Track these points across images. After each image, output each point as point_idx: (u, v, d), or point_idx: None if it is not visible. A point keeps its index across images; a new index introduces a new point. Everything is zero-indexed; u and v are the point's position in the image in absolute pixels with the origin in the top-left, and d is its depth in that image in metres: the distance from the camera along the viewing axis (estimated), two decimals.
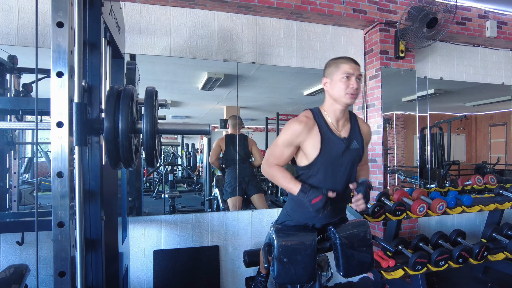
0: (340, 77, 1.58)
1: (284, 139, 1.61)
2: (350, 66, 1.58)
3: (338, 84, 1.58)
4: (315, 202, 1.50)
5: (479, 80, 3.76)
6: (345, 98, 1.58)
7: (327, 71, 1.66)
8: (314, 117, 1.64)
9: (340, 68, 1.59)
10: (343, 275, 1.75)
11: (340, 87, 1.57)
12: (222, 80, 4.30)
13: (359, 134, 1.70)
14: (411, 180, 3.80)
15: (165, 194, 4.87)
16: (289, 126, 1.62)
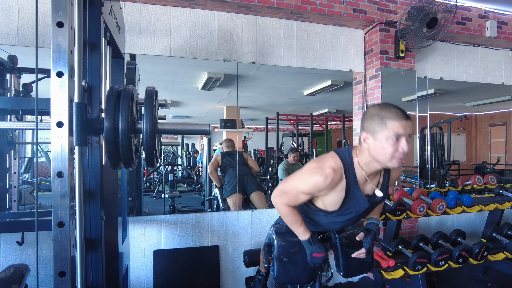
0: (387, 138, 1.28)
1: (303, 188, 1.41)
2: (401, 125, 1.28)
3: (385, 146, 1.28)
4: (316, 256, 1.48)
5: (479, 80, 3.76)
6: (391, 163, 1.31)
7: (368, 124, 1.34)
8: (345, 171, 1.40)
9: (388, 126, 1.28)
10: (343, 275, 1.75)
11: (387, 151, 1.28)
12: (222, 80, 4.30)
13: (387, 183, 1.52)
14: (411, 180, 3.80)
15: (165, 194, 4.87)
16: (312, 176, 1.38)
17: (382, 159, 1.31)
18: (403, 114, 1.32)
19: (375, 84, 3.16)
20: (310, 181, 1.38)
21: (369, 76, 3.25)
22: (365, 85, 3.31)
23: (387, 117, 1.29)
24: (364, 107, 3.30)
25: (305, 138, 9.83)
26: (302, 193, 1.43)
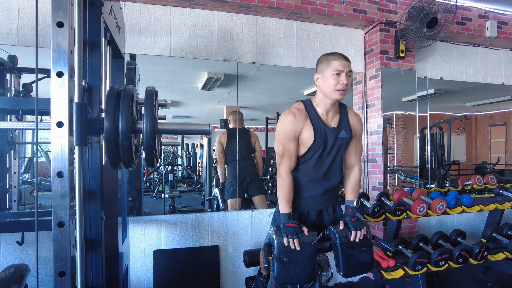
0: (330, 74, 1.64)
1: (283, 133, 1.67)
2: (340, 63, 1.63)
3: (329, 80, 1.64)
4: (289, 226, 1.63)
5: (479, 80, 3.76)
6: (334, 94, 1.65)
7: (319, 67, 1.70)
8: (306, 108, 1.72)
9: (331, 65, 1.64)
10: (343, 275, 1.75)
11: (331, 84, 1.64)
12: (222, 80, 4.30)
13: (348, 124, 1.79)
14: (411, 180, 3.80)
15: (165, 194, 4.87)
16: (284, 118, 1.68)
17: (328, 91, 1.66)
18: (343, 56, 1.67)
19: (375, 84, 3.16)
20: (285, 123, 1.66)
21: (369, 76, 3.25)
22: (365, 85, 3.31)
23: (331, 58, 1.65)
24: (364, 107, 3.30)
25: None
26: (287, 140, 1.67)
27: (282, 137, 1.68)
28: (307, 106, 1.73)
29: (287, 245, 1.62)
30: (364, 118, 3.29)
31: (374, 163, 3.20)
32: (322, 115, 1.73)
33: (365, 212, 2.51)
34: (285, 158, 1.67)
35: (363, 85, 3.31)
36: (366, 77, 3.30)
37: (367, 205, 2.58)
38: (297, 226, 1.64)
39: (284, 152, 1.67)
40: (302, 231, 1.67)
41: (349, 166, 1.87)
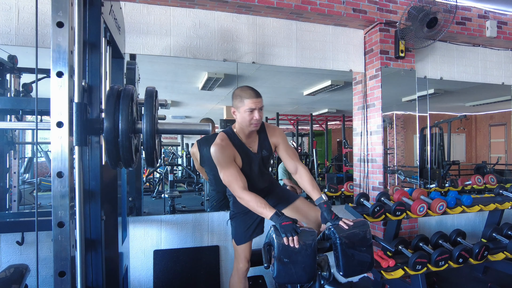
0: (244, 110, 1.81)
1: (224, 161, 1.83)
2: (252, 102, 1.79)
3: (244, 116, 1.83)
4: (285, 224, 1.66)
5: (479, 80, 3.76)
6: (250, 127, 1.86)
7: (234, 102, 1.87)
8: (229, 138, 1.90)
9: (245, 103, 1.80)
10: (343, 275, 1.75)
11: (245, 119, 1.83)
12: (222, 80, 4.30)
13: (268, 143, 2.00)
14: (411, 180, 3.80)
15: (165, 194, 4.86)
16: (218, 151, 1.84)
17: (244, 125, 1.86)
18: (255, 93, 1.83)
19: (375, 84, 3.16)
20: (219, 154, 1.83)
21: (369, 76, 3.25)
22: (365, 85, 3.31)
23: (244, 96, 1.81)
24: (364, 107, 3.30)
25: (305, 138, 9.83)
26: (229, 166, 1.82)
27: (225, 164, 1.82)
28: (229, 136, 1.91)
29: (287, 245, 1.62)
30: (364, 118, 3.29)
31: (374, 163, 3.20)
32: (244, 141, 1.93)
33: (365, 212, 2.51)
34: (233, 181, 1.80)
35: (363, 85, 3.31)
36: (366, 77, 3.30)
37: (367, 205, 2.58)
38: (293, 222, 1.66)
39: (230, 177, 1.81)
40: (299, 226, 1.69)
41: (293, 170, 2.01)
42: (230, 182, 1.82)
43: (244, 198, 1.79)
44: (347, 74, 3.41)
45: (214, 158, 1.84)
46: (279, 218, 1.68)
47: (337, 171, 7.85)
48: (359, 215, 2.45)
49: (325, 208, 1.82)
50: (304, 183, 1.96)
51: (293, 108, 7.46)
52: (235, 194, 1.83)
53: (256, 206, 1.76)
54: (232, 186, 1.81)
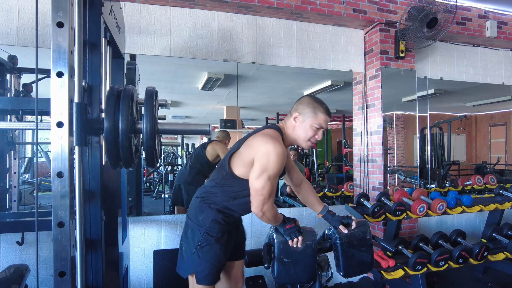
0: (311, 124, 1.58)
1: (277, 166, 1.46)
2: (325, 120, 1.60)
3: (308, 129, 1.58)
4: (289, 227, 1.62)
5: (479, 80, 3.76)
6: (305, 144, 1.62)
7: (303, 109, 1.60)
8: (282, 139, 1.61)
9: (317, 117, 1.58)
10: (343, 275, 1.75)
11: (307, 133, 1.59)
12: (222, 80, 4.30)
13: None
14: (411, 180, 3.80)
15: (165, 194, 4.86)
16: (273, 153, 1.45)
17: (301, 138, 1.60)
18: (329, 112, 1.63)
19: (375, 84, 3.16)
20: (277, 158, 1.45)
21: (369, 76, 3.25)
22: (365, 85, 3.31)
23: (319, 110, 1.59)
24: (364, 107, 3.30)
25: None
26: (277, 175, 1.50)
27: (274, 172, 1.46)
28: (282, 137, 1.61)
29: (288, 245, 1.62)
30: (364, 118, 3.29)
31: (374, 163, 3.20)
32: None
33: (365, 212, 2.51)
34: (271, 197, 1.50)
35: (363, 85, 3.31)
36: (366, 77, 3.30)
37: (367, 205, 2.58)
38: (295, 225, 1.65)
39: (273, 188, 1.48)
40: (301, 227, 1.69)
41: (299, 182, 1.89)
42: (269, 193, 1.47)
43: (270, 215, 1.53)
44: (347, 74, 3.41)
45: (263, 156, 1.44)
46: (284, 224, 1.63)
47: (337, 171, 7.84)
48: (359, 215, 2.44)
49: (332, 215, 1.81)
50: (310, 194, 1.88)
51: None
52: (263, 207, 1.48)
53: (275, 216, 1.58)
54: (268, 198, 1.48)
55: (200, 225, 1.61)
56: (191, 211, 1.69)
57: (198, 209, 1.64)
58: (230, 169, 1.58)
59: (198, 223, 1.62)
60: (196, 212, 1.64)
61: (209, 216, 1.60)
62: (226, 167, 1.59)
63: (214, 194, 1.62)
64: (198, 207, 1.65)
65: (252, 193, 1.48)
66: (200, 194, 1.69)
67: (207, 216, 1.60)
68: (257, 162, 1.47)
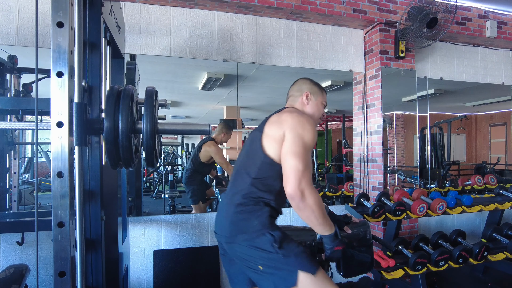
0: (321, 102, 1.66)
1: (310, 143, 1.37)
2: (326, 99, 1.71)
3: (319, 107, 1.66)
4: (337, 249, 1.40)
5: (479, 80, 3.76)
6: (318, 121, 1.69)
7: (312, 88, 1.65)
8: None
9: (323, 95, 1.68)
10: (343, 275, 1.75)
11: (320, 111, 1.66)
12: (222, 80, 4.30)
13: None
14: (411, 180, 3.80)
15: (165, 194, 4.86)
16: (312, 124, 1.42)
17: (316, 115, 1.64)
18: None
19: (375, 84, 3.16)
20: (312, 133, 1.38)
21: (369, 76, 3.25)
22: (365, 85, 3.31)
23: (322, 89, 1.69)
24: (364, 107, 3.30)
25: None
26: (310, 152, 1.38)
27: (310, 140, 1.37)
28: None
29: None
30: (364, 118, 3.29)
31: (374, 163, 3.20)
32: None
33: (365, 212, 2.51)
34: (309, 171, 1.32)
35: (363, 85, 3.31)
36: (366, 77, 3.30)
37: (367, 205, 2.58)
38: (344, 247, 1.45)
39: (308, 162, 1.34)
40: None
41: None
42: (306, 164, 1.30)
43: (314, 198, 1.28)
44: (347, 74, 3.41)
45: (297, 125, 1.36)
46: (335, 241, 1.38)
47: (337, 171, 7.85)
48: (359, 215, 2.44)
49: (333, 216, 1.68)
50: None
51: None
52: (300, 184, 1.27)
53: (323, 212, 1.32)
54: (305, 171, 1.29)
55: (260, 230, 1.32)
56: (236, 225, 1.37)
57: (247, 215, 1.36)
58: (265, 155, 1.39)
59: (256, 230, 1.33)
60: (246, 220, 1.35)
61: (263, 213, 1.36)
62: (260, 153, 1.40)
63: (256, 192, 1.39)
64: (246, 213, 1.36)
65: (287, 169, 1.30)
66: (238, 200, 1.40)
67: (262, 214, 1.35)
68: (289, 132, 1.35)
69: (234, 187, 1.47)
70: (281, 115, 1.47)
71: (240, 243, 1.35)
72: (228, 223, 1.40)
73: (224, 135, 3.55)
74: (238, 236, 1.35)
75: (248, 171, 1.43)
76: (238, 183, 1.46)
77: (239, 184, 1.45)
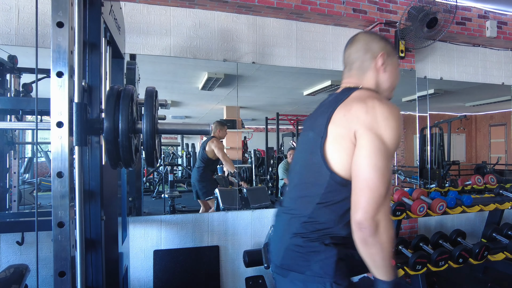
0: (398, 63, 1.20)
1: (398, 140, 0.98)
2: None
3: (398, 72, 1.18)
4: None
5: (479, 80, 3.76)
6: (391, 93, 1.20)
7: (385, 47, 1.15)
8: None
9: (396, 57, 1.21)
10: None
11: (398, 78, 1.18)
12: (222, 80, 4.30)
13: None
14: (411, 180, 3.80)
15: (165, 194, 4.86)
16: (394, 112, 0.99)
17: (395, 84, 1.18)
18: None
19: None
20: (399, 121, 0.98)
21: None
22: None
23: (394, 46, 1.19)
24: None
25: None
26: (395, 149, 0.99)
27: (393, 153, 0.99)
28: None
29: None
30: None
31: None
32: None
33: None
34: (388, 195, 0.97)
35: None
36: None
37: None
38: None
39: (389, 181, 0.96)
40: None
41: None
42: (386, 184, 0.95)
43: (389, 234, 0.96)
44: None
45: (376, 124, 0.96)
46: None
47: None
48: None
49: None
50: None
51: (293, 108, 7.46)
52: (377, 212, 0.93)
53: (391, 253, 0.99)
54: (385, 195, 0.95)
55: (320, 276, 1.02)
56: (292, 259, 1.08)
57: (306, 256, 1.05)
58: (332, 172, 1.01)
59: (314, 273, 1.03)
60: (305, 260, 1.05)
61: (330, 257, 1.04)
62: (324, 170, 1.02)
63: (322, 222, 1.05)
64: (305, 251, 1.05)
65: (359, 188, 0.94)
66: (296, 228, 1.08)
67: (328, 258, 1.04)
68: (365, 135, 0.95)
69: (292, 202, 1.14)
70: (349, 107, 1.02)
71: (293, 282, 1.06)
72: (282, 251, 1.11)
73: (219, 131, 3.98)
74: (291, 274, 1.07)
75: (310, 191, 1.07)
76: (297, 202, 1.12)
77: (298, 205, 1.11)
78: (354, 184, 0.96)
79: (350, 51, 1.19)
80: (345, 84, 1.18)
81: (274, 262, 1.14)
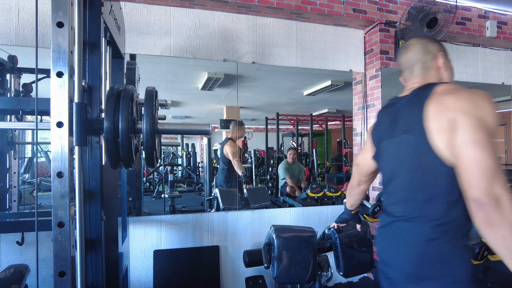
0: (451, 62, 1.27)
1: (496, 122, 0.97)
2: None
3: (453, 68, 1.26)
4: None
5: (479, 80, 3.76)
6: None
7: (442, 47, 1.25)
8: None
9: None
10: (343, 275, 1.75)
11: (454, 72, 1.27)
12: (222, 80, 4.30)
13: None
14: None
15: (165, 194, 4.87)
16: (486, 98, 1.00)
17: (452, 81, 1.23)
18: None
19: (375, 84, 3.16)
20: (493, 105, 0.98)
21: (369, 76, 3.25)
22: (365, 85, 3.31)
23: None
24: (364, 107, 3.30)
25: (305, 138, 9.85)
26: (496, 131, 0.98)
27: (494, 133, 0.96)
28: None
29: (287, 245, 1.62)
30: (364, 118, 3.29)
31: None
32: None
33: (365, 212, 2.51)
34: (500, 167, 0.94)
35: (363, 85, 3.31)
36: (366, 77, 3.30)
37: (367, 205, 2.58)
38: None
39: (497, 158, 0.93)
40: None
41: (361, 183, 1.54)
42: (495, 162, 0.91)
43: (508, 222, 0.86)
44: (347, 74, 3.41)
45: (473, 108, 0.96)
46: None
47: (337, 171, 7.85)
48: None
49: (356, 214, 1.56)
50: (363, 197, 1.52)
51: (293, 108, 7.47)
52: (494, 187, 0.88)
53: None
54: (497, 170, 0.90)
55: (457, 281, 1.05)
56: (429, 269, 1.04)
57: (442, 257, 1.03)
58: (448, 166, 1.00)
59: (454, 281, 1.04)
60: (442, 265, 1.02)
61: (465, 262, 1.05)
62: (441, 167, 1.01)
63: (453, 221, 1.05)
64: (440, 254, 1.03)
65: (467, 165, 0.92)
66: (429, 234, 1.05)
67: (462, 265, 1.05)
68: (463, 118, 0.95)
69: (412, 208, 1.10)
70: (441, 100, 1.02)
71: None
72: (413, 260, 1.06)
73: (237, 131, 3.95)
74: (424, 282, 1.03)
75: (432, 192, 1.04)
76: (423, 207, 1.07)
77: (423, 210, 1.06)
78: (462, 166, 0.94)
79: (408, 55, 1.27)
80: (412, 85, 1.27)
81: (399, 270, 1.10)
